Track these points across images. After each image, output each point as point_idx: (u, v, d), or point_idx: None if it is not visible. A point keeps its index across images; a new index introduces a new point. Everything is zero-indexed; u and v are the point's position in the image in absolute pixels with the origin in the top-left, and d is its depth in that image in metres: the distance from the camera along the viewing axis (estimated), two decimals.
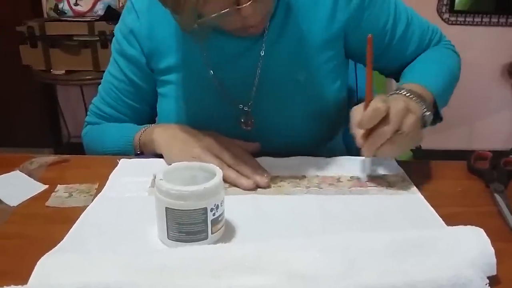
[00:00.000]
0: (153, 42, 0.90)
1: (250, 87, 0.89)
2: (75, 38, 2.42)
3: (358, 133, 0.72)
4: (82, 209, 0.68)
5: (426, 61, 0.92)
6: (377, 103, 0.68)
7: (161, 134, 0.86)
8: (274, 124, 0.91)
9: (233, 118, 0.90)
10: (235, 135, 0.84)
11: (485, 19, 2.78)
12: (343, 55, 0.93)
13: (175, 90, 0.92)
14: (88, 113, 1.04)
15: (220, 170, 0.60)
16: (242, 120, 0.90)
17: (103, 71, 1.01)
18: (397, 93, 0.76)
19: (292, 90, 0.89)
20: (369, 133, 0.70)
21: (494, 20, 2.79)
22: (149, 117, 1.01)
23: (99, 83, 1.02)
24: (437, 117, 0.85)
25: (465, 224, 0.57)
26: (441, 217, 0.66)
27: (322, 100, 0.91)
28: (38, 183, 0.77)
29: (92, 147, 0.99)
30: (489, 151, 0.84)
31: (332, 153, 0.87)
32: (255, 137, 0.87)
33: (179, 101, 0.92)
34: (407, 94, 0.75)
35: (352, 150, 1.06)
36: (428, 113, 0.75)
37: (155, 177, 0.61)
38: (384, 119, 0.68)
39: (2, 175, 0.78)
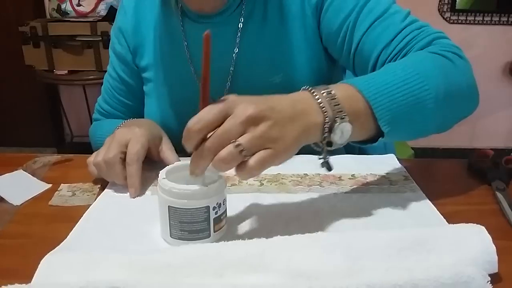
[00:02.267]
0: (137, 38, 0.93)
1: (224, 82, 0.89)
2: (77, 38, 2.43)
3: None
4: (85, 208, 0.68)
5: (386, 66, 0.70)
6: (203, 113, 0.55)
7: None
8: None
9: None
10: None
11: (487, 18, 2.78)
12: (324, 55, 0.89)
13: (155, 87, 0.94)
14: (94, 110, 1.07)
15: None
16: None
17: (106, 71, 1.03)
18: (303, 89, 0.60)
19: (267, 91, 0.86)
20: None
21: (496, 19, 2.79)
22: (143, 113, 1.02)
23: (102, 83, 1.05)
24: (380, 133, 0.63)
25: (467, 222, 0.57)
26: (442, 215, 0.66)
27: None
28: (42, 182, 0.78)
29: (92, 142, 1.02)
30: (490, 149, 0.84)
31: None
32: None
33: (159, 98, 0.93)
34: (312, 92, 0.58)
35: (352, 149, 1.06)
36: (339, 123, 0.57)
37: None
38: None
39: (5, 175, 0.79)
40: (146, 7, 0.92)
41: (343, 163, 0.83)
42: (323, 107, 0.57)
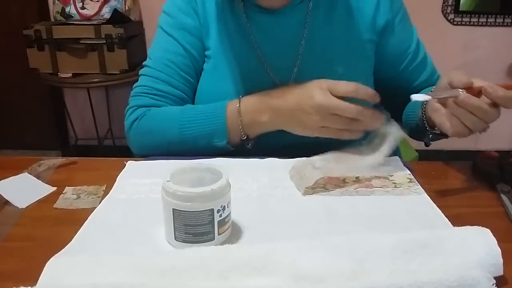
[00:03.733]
0: (205, 16, 0.93)
1: (291, 67, 0.91)
2: (81, 41, 2.43)
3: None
4: (90, 210, 0.69)
5: None
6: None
7: (273, 112, 0.83)
8: None
9: None
10: None
11: (490, 19, 2.77)
12: (372, 61, 0.96)
13: (215, 65, 0.93)
14: (132, 98, 0.94)
15: (227, 171, 0.60)
16: None
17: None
18: None
19: (330, 79, 0.89)
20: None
21: (499, 20, 2.78)
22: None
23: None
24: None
25: (472, 225, 0.57)
26: (447, 217, 0.66)
27: None
28: (47, 185, 0.78)
29: (159, 130, 0.88)
30: (495, 151, 0.84)
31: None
32: None
33: (219, 77, 0.92)
34: None
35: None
36: None
37: None
38: None
39: (10, 178, 0.79)
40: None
41: (346, 165, 0.82)
42: None
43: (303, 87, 0.81)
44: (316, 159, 0.80)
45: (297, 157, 0.85)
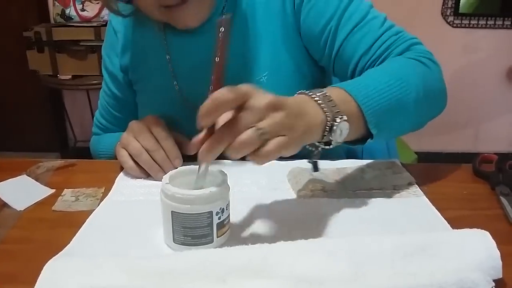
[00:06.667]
0: (127, 56, 0.96)
1: (207, 92, 0.89)
2: (81, 43, 2.44)
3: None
4: (88, 213, 0.69)
5: (370, 71, 0.76)
6: (222, 90, 0.54)
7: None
8: None
9: (194, 122, 0.91)
10: None
11: (490, 22, 2.78)
12: (305, 53, 0.89)
13: (144, 98, 0.97)
14: (93, 124, 1.11)
15: (226, 173, 0.60)
16: None
17: None
18: (300, 93, 0.63)
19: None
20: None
21: (499, 22, 2.78)
22: None
23: None
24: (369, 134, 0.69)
25: (471, 227, 0.57)
26: (446, 220, 0.66)
27: None
28: (45, 187, 0.78)
29: (94, 155, 1.04)
30: (494, 153, 0.84)
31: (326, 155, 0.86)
32: None
33: (148, 108, 0.96)
34: (310, 94, 0.61)
35: (355, 154, 1.05)
36: (339, 122, 0.60)
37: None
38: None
39: (9, 180, 0.79)
40: (134, 25, 0.95)
41: (345, 167, 0.82)
42: (324, 108, 0.60)
43: None
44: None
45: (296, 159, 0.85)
